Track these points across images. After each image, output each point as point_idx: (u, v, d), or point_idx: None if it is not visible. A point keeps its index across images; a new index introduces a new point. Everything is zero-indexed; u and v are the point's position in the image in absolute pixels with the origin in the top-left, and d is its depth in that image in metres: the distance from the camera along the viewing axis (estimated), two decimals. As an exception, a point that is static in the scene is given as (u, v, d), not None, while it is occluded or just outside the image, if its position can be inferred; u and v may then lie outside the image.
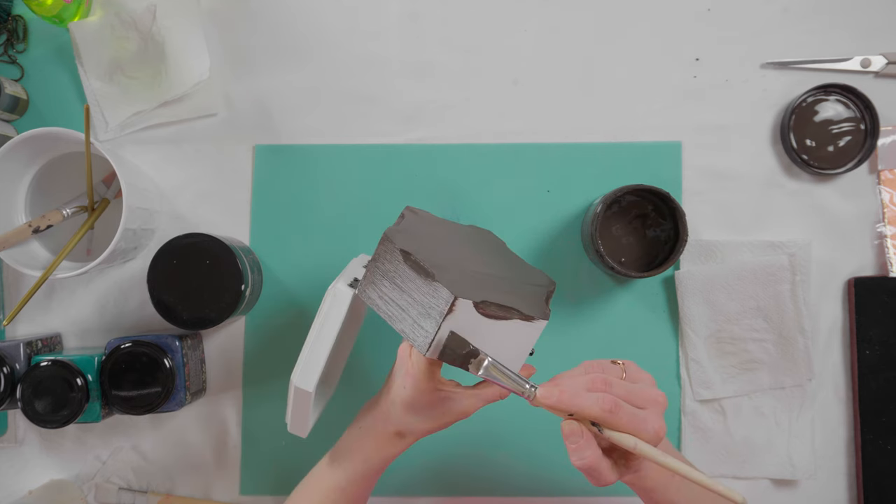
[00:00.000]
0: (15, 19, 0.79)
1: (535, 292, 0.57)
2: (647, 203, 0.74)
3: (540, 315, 0.53)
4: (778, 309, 0.74)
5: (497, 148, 0.78)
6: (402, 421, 0.57)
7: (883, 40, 0.77)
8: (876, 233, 0.76)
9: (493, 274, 0.56)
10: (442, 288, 0.50)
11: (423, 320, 0.51)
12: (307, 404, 0.58)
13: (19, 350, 0.70)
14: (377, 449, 0.59)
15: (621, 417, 0.47)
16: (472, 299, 0.50)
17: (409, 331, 0.52)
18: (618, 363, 0.52)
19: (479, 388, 0.57)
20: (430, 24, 0.79)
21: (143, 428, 0.77)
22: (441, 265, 0.52)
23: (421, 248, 0.53)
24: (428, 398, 0.55)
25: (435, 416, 0.57)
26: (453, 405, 0.56)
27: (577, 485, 0.76)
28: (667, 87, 0.78)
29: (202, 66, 0.77)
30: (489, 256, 0.60)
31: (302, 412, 0.59)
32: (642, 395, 0.49)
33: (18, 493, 0.76)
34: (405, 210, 0.59)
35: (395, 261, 0.53)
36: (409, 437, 0.58)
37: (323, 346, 0.57)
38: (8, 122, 0.78)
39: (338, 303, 0.57)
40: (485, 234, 0.65)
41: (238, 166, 0.78)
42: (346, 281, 0.59)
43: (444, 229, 0.60)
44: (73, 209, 0.73)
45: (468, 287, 0.52)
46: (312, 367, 0.57)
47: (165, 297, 0.68)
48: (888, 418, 0.74)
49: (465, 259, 0.57)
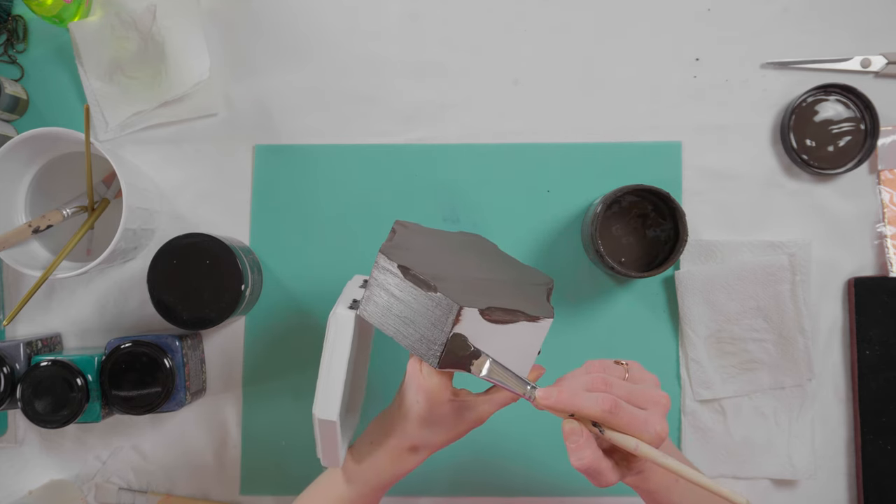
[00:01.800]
0: (15, 19, 0.79)
1: (536, 291, 0.57)
2: (647, 203, 0.74)
3: (545, 314, 0.53)
4: (778, 309, 0.74)
5: (497, 148, 0.78)
6: (418, 435, 0.57)
7: (883, 40, 0.77)
8: (876, 233, 0.76)
9: (492, 278, 0.56)
10: (446, 299, 0.50)
11: (431, 333, 0.51)
12: (334, 434, 0.57)
13: (19, 350, 0.70)
14: (391, 464, 0.58)
15: (622, 418, 0.47)
16: (478, 307, 0.50)
17: (417, 346, 0.52)
18: (621, 363, 0.51)
19: (492, 393, 0.57)
20: (430, 24, 0.79)
21: (143, 428, 0.77)
22: (441, 276, 0.52)
23: (418, 261, 0.53)
24: (443, 410, 0.55)
25: (450, 427, 0.56)
26: (468, 413, 0.56)
27: (576, 485, 0.76)
28: (667, 87, 0.78)
29: (202, 66, 0.77)
30: (485, 261, 0.60)
31: (331, 443, 0.58)
32: (644, 396, 0.49)
33: (18, 493, 0.76)
34: (395, 224, 0.59)
35: (394, 277, 0.52)
36: (424, 451, 0.58)
37: (337, 374, 0.56)
38: (8, 122, 0.78)
39: (342, 328, 0.56)
40: (476, 239, 0.65)
41: (238, 166, 0.78)
42: (345, 304, 0.58)
43: (437, 239, 0.60)
44: (73, 209, 0.73)
45: (471, 295, 0.51)
46: (331, 396, 0.56)
47: (165, 297, 0.68)
48: (888, 418, 0.74)
49: (463, 267, 0.56)
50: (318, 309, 0.77)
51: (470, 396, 0.56)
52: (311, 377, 0.57)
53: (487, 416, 0.57)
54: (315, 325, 0.77)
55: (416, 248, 0.56)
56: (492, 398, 0.56)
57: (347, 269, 0.70)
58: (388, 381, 0.76)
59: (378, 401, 0.76)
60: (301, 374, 0.76)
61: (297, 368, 0.77)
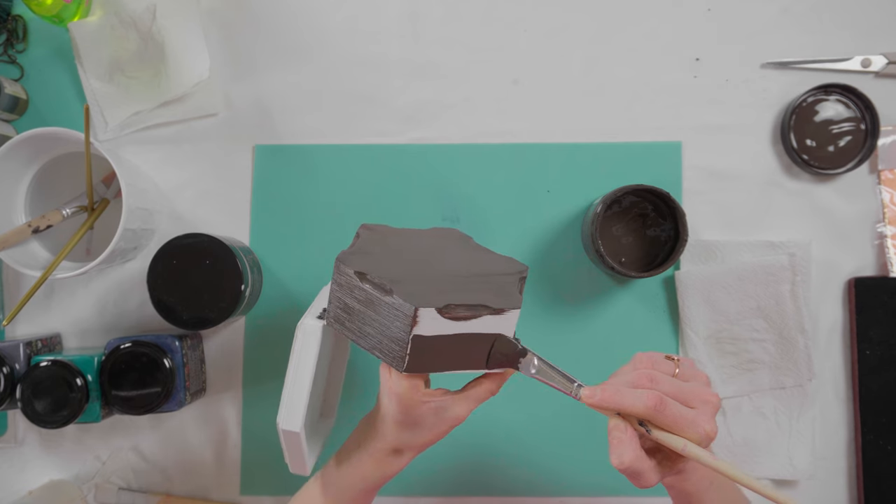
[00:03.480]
0: (15, 19, 0.79)
1: (506, 282, 0.55)
2: (647, 203, 0.74)
3: (510, 305, 0.52)
4: (778, 309, 0.74)
5: (497, 148, 0.78)
6: (397, 438, 0.56)
7: (883, 40, 0.77)
8: (876, 233, 0.76)
9: (458, 274, 0.55)
10: (401, 301, 0.49)
11: (393, 337, 0.50)
12: (299, 444, 0.57)
13: (19, 350, 0.70)
14: (376, 467, 0.58)
15: (668, 416, 0.45)
16: (434, 306, 0.49)
17: (381, 351, 0.51)
18: (672, 358, 0.50)
19: (468, 390, 0.56)
20: (430, 24, 0.79)
21: (143, 428, 0.77)
22: (399, 279, 0.51)
23: (377, 265, 0.52)
24: (419, 412, 0.54)
25: (428, 428, 0.55)
26: (445, 413, 0.54)
27: (577, 485, 0.76)
28: (667, 87, 0.78)
29: (202, 66, 0.77)
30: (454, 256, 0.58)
31: (297, 452, 0.58)
32: (693, 394, 0.47)
33: (18, 493, 0.76)
34: (360, 229, 0.58)
35: (352, 284, 0.52)
36: (408, 452, 0.57)
37: (302, 385, 0.56)
38: (8, 122, 0.78)
39: (308, 338, 0.56)
40: (448, 233, 0.63)
41: (238, 166, 0.78)
42: (314, 314, 0.58)
43: (403, 240, 0.59)
44: (73, 209, 0.73)
45: (429, 294, 0.50)
46: (295, 407, 0.56)
47: (165, 297, 0.68)
48: (888, 418, 0.73)
49: (427, 265, 0.55)
50: (318, 309, 0.77)
51: (446, 396, 0.55)
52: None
53: (467, 413, 0.55)
54: (315, 325, 0.77)
55: (377, 252, 0.55)
56: (468, 395, 0.55)
57: (347, 269, 0.70)
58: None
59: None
60: (301, 374, 0.76)
61: (297, 368, 0.77)
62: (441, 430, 0.56)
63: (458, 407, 0.54)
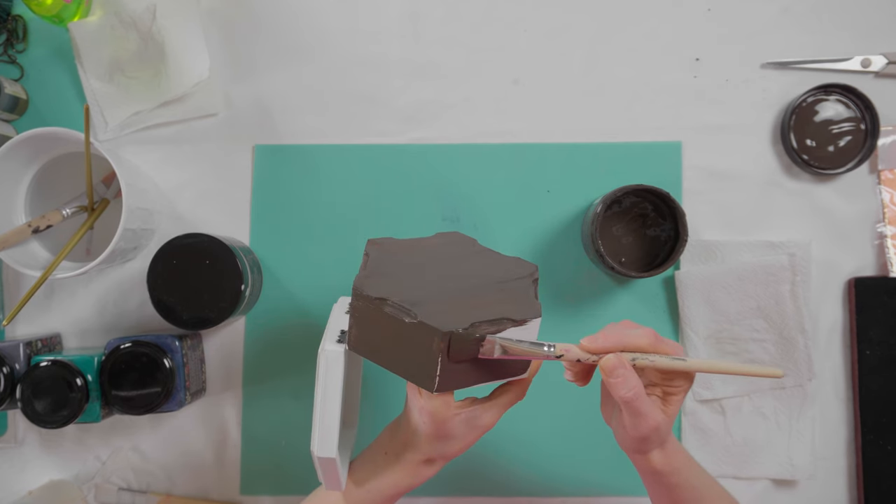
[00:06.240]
0: (15, 19, 0.79)
1: (521, 287, 0.55)
2: (647, 203, 0.74)
3: (532, 314, 0.52)
4: (778, 309, 0.74)
5: (497, 148, 0.78)
6: (431, 449, 0.57)
7: (883, 40, 0.77)
8: (876, 233, 0.76)
9: (474, 284, 0.55)
10: (429, 326, 0.49)
11: (421, 360, 0.50)
12: (334, 468, 0.57)
13: (19, 350, 0.70)
14: (408, 475, 0.59)
15: (667, 343, 0.50)
16: (460, 326, 0.49)
17: (408, 373, 0.51)
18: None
19: (496, 397, 0.57)
20: (430, 24, 0.79)
21: (143, 428, 0.77)
22: (419, 300, 0.51)
23: (395, 288, 0.52)
24: (451, 425, 0.55)
25: (460, 438, 0.56)
26: (476, 422, 0.56)
27: (577, 485, 0.76)
28: (667, 87, 0.78)
29: (202, 66, 0.77)
30: (465, 264, 0.58)
31: (332, 474, 0.58)
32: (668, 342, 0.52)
33: (18, 493, 0.76)
34: (367, 246, 0.57)
35: (373, 310, 0.51)
36: (441, 461, 0.58)
37: (333, 412, 0.55)
38: (8, 122, 0.78)
39: (332, 365, 0.55)
40: (453, 238, 0.62)
41: (238, 166, 0.78)
42: (333, 337, 0.57)
43: (412, 253, 0.58)
44: (73, 209, 0.73)
45: (454, 313, 0.50)
46: (328, 434, 0.56)
47: (165, 297, 0.68)
48: (888, 418, 0.73)
49: (442, 278, 0.55)
50: (318, 309, 0.77)
51: (475, 405, 0.56)
52: (310, 377, 0.57)
53: (496, 419, 0.57)
54: (315, 325, 0.77)
55: (391, 272, 0.55)
56: (496, 402, 0.56)
57: (348, 269, 0.70)
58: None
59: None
60: (301, 374, 0.76)
61: (297, 368, 0.77)
62: (472, 438, 0.57)
63: (488, 415, 0.56)
